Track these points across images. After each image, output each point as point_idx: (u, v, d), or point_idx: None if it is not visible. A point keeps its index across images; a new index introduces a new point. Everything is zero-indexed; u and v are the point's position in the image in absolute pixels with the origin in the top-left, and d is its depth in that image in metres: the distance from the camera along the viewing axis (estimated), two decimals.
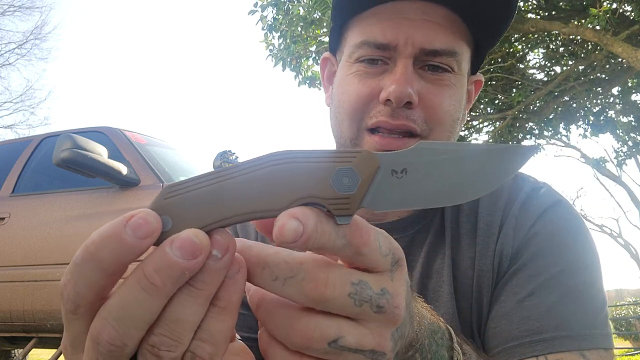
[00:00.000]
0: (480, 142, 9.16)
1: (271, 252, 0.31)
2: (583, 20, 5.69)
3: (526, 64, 7.90)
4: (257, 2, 6.34)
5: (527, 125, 8.51)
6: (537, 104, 7.90)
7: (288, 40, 6.22)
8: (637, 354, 10.03)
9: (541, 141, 9.49)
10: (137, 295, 0.27)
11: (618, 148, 9.57)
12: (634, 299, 17.15)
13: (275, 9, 6.31)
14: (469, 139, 8.88)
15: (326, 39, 6.16)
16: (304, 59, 6.56)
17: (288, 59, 6.39)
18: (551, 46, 7.54)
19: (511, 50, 7.11)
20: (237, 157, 3.09)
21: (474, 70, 0.74)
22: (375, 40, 0.64)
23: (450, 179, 0.33)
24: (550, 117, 8.23)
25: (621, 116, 8.52)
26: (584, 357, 0.57)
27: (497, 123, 8.08)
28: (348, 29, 0.70)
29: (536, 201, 0.67)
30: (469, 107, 0.76)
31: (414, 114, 0.63)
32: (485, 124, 8.46)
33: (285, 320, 0.31)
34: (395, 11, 0.64)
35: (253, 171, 0.29)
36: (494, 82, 7.45)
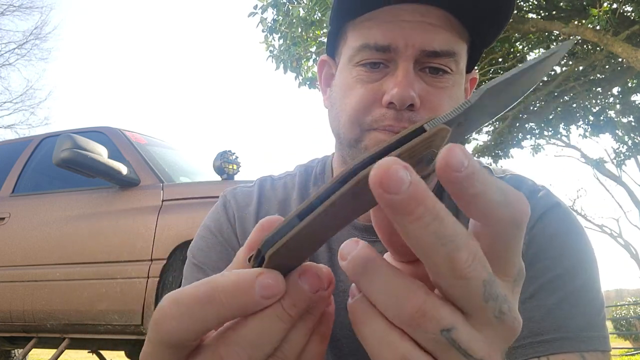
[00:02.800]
0: (480, 142, 9.16)
1: None
2: (583, 21, 5.68)
3: None
4: (256, 4, 6.34)
5: (527, 125, 8.51)
6: (538, 104, 7.90)
7: (288, 42, 6.21)
8: (637, 354, 10.02)
9: (541, 141, 9.48)
10: (274, 325, 0.29)
11: (618, 148, 9.57)
12: (634, 299, 17.12)
13: (275, 10, 6.31)
14: (469, 139, 8.88)
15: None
16: (305, 60, 6.55)
17: (288, 61, 6.39)
18: (551, 46, 7.53)
19: (512, 50, 7.11)
20: (237, 157, 3.09)
21: (470, 67, 0.74)
22: (376, 43, 0.64)
23: (505, 99, 0.33)
24: (551, 117, 8.23)
25: (621, 116, 8.52)
26: (584, 358, 0.58)
27: (498, 123, 8.08)
28: (346, 32, 0.70)
29: (535, 203, 0.68)
30: None
31: (416, 116, 0.64)
32: (486, 123, 8.45)
33: (399, 287, 0.27)
34: (394, 14, 0.64)
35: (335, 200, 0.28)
36: None
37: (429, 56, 0.64)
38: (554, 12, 6.85)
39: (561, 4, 6.67)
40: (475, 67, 0.77)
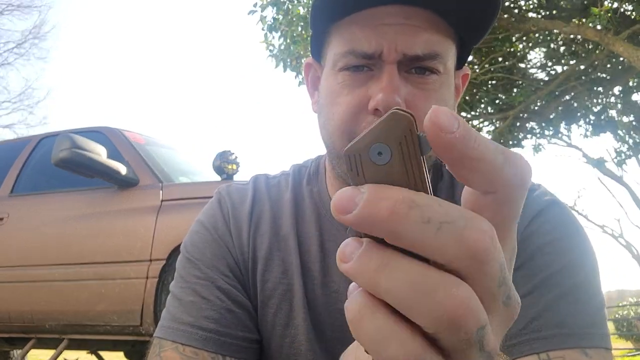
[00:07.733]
0: None
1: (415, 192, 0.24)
2: (584, 20, 5.66)
3: (527, 63, 7.88)
4: (256, 2, 6.33)
5: (528, 125, 8.49)
6: (538, 104, 7.88)
7: (288, 41, 6.20)
8: (638, 354, 10.01)
9: (542, 141, 9.46)
10: None
11: (619, 148, 9.54)
12: (635, 300, 17.10)
13: (275, 8, 6.30)
14: None
15: None
16: (304, 59, 6.53)
17: (288, 60, 6.38)
18: (552, 45, 7.52)
19: (512, 49, 7.09)
20: (236, 157, 3.08)
21: (460, 64, 0.73)
22: (361, 50, 0.63)
23: None
24: (551, 116, 8.21)
25: (622, 116, 8.50)
26: (587, 355, 0.56)
27: (498, 123, 8.06)
28: (330, 35, 0.69)
29: (531, 202, 0.67)
30: (457, 101, 0.75)
31: None
32: (486, 123, 8.43)
33: (432, 282, 0.22)
34: (377, 17, 0.63)
35: None
36: (494, 82, 7.43)
37: (412, 60, 0.63)
38: (554, 11, 6.83)
39: (562, 3, 6.66)
40: (466, 65, 0.76)
